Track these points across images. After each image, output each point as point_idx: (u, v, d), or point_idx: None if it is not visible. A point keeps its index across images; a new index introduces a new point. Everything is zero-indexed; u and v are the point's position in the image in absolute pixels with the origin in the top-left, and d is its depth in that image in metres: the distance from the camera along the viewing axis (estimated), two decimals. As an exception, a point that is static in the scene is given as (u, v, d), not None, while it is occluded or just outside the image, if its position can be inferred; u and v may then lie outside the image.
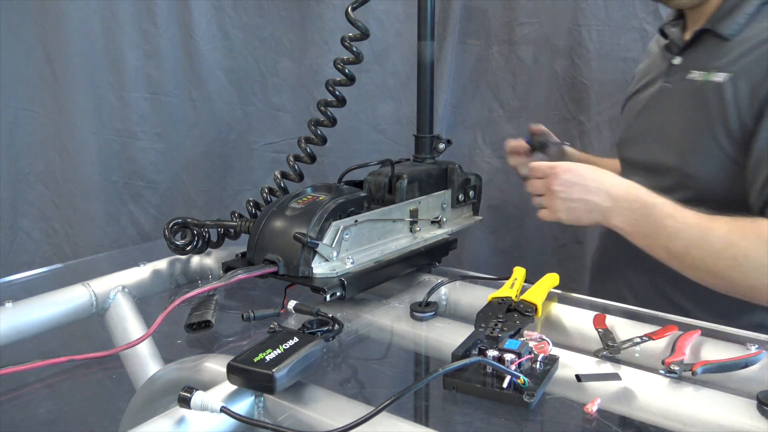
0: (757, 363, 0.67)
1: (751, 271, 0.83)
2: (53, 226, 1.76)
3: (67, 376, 0.74)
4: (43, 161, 1.72)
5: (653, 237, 0.89)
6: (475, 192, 1.10)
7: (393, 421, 0.55)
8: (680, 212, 0.88)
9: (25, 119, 1.69)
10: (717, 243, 0.85)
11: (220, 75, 1.63)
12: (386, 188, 0.97)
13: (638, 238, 0.91)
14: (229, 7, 1.59)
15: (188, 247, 0.99)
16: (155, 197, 1.70)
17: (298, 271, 0.81)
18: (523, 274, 0.86)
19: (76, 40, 1.61)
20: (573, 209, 0.92)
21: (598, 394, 0.61)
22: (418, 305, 0.82)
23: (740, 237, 0.84)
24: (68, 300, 0.85)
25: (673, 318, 0.80)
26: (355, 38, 1.02)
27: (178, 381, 0.65)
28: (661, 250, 0.89)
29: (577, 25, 1.41)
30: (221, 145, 1.66)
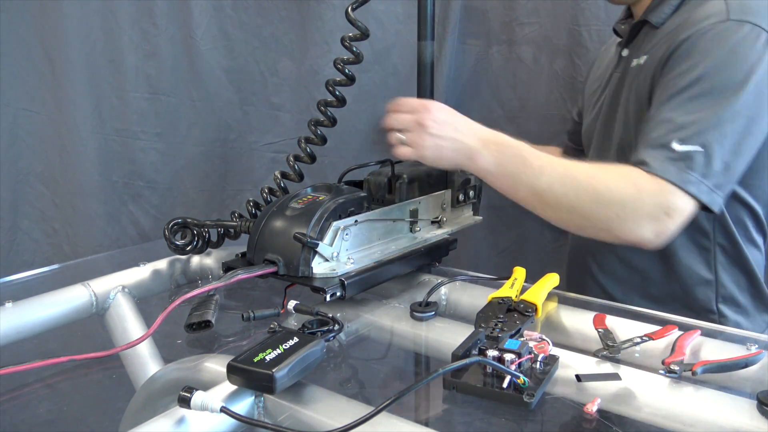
0: (757, 363, 0.67)
1: (611, 204, 0.86)
2: (53, 226, 1.76)
3: (67, 376, 0.74)
4: (43, 161, 1.72)
5: (518, 176, 0.89)
6: (475, 192, 1.10)
7: (393, 421, 0.55)
8: (546, 155, 0.91)
9: (25, 119, 1.69)
10: (580, 176, 0.88)
11: (220, 75, 1.62)
12: (386, 188, 0.97)
13: (503, 179, 0.90)
14: (229, 7, 1.59)
15: (188, 247, 0.99)
16: (155, 197, 1.70)
17: (298, 271, 0.81)
18: (523, 274, 0.86)
19: (76, 40, 1.61)
20: (440, 147, 0.90)
21: (598, 394, 0.61)
22: (418, 305, 0.82)
23: (604, 172, 0.90)
24: (68, 300, 0.85)
25: (673, 318, 0.80)
26: (355, 38, 1.02)
27: (178, 381, 0.65)
28: (525, 189, 0.90)
29: (577, 25, 1.41)
30: (221, 145, 1.66)
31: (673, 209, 0.86)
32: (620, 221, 0.86)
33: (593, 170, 0.90)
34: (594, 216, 0.88)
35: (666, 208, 0.86)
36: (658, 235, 0.86)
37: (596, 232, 0.90)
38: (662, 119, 0.90)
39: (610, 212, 0.87)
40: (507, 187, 0.91)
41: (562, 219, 0.92)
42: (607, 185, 0.87)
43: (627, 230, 0.87)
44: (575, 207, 0.88)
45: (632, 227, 0.86)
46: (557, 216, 0.91)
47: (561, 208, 0.89)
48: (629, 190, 0.87)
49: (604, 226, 0.88)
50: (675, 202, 0.86)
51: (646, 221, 0.86)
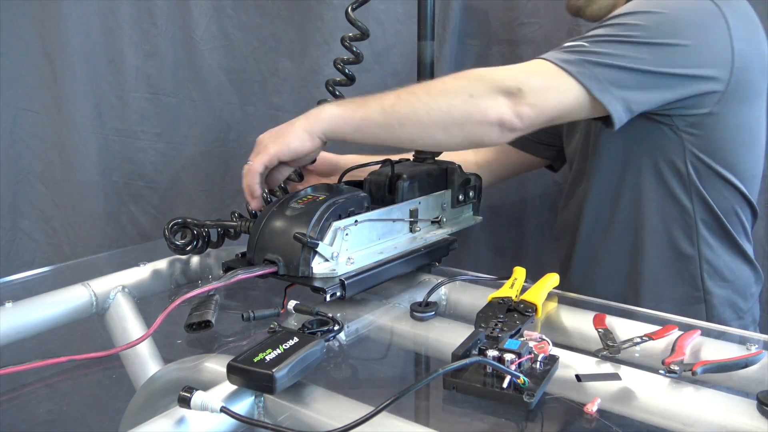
0: (757, 363, 0.67)
1: (454, 94, 0.87)
2: (53, 226, 1.76)
3: (67, 376, 0.74)
4: (43, 161, 1.72)
5: (366, 104, 0.89)
6: (475, 192, 1.10)
7: (393, 421, 0.55)
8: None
9: (25, 119, 1.69)
10: (429, 83, 0.90)
11: (220, 75, 1.62)
12: (386, 188, 0.97)
13: (350, 112, 0.89)
14: (229, 7, 1.59)
15: (188, 247, 0.99)
16: (155, 197, 1.70)
17: (298, 271, 0.81)
18: (523, 274, 0.86)
19: (76, 40, 1.61)
20: (277, 135, 0.90)
21: (598, 394, 0.61)
22: (418, 305, 0.82)
23: (453, 77, 0.90)
24: (68, 300, 0.85)
25: (673, 318, 0.80)
26: (355, 38, 1.02)
27: (178, 381, 0.65)
28: (374, 113, 0.88)
29: (577, 25, 1.41)
30: (221, 145, 1.66)
31: (531, 85, 0.86)
32: (475, 102, 0.86)
33: (443, 78, 0.91)
34: (438, 114, 0.86)
35: (523, 82, 0.86)
36: (511, 110, 0.86)
37: (459, 127, 0.88)
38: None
39: (463, 97, 0.86)
40: (357, 122, 0.89)
41: (413, 135, 0.89)
42: (455, 83, 0.88)
43: (484, 108, 0.86)
44: (420, 110, 0.87)
45: (488, 103, 0.86)
46: (408, 133, 0.89)
47: (410, 120, 0.87)
48: (478, 75, 0.88)
49: (463, 115, 0.87)
50: (537, 77, 0.87)
51: (499, 96, 0.86)
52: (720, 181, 0.99)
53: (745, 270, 1.06)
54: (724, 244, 1.02)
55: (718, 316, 1.03)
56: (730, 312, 1.05)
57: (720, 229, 1.01)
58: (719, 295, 1.03)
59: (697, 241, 1.01)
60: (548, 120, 0.90)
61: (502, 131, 0.87)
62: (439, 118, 0.87)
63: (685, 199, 1.00)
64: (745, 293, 1.07)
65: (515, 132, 0.88)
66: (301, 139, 0.88)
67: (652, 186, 1.01)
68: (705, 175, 0.98)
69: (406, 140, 0.90)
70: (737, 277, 1.05)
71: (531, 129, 0.89)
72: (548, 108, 0.88)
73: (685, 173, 0.98)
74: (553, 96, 0.89)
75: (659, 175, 1.00)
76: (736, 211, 1.02)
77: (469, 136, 0.89)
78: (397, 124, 0.87)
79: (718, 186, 1.00)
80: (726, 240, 1.02)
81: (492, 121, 0.86)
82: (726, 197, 1.01)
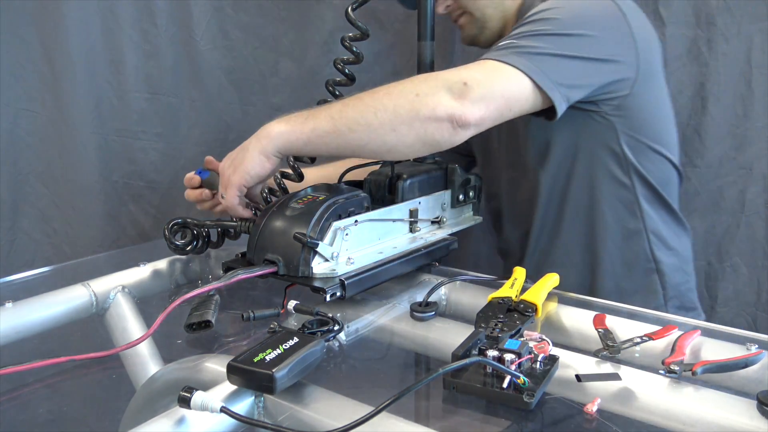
0: (757, 363, 0.67)
1: (399, 94, 0.87)
2: (53, 226, 1.76)
3: (67, 376, 0.74)
4: (43, 161, 1.72)
5: (314, 115, 0.89)
6: (475, 192, 1.10)
7: (393, 421, 0.55)
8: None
9: (25, 119, 1.69)
10: (376, 88, 0.89)
11: (220, 75, 1.62)
12: (386, 188, 0.97)
13: (299, 126, 0.89)
14: (229, 7, 1.59)
15: (188, 247, 0.99)
16: (155, 197, 1.70)
17: (298, 271, 0.81)
18: (523, 274, 0.86)
19: (76, 40, 1.61)
20: (236, 165, 0.90)
21: (598, 394, 0.61)
22: (418, 305, 0.82)
23: (399, 81, 0.90)
24: (68, 300, 0.85)
25: (673, 318, 0.80)
26: (355, 38, 1.02)
27: (178, 381, 0.65)
28: (323, 122, 0.88)
29: (577, 25, 1.41)
30: (221, 145, 1.66)
31: (474, 78, 0.88)
32: (421, 99, 0.86)
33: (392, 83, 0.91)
34: (398, 108, 0.86)
35: (467, 78, 0.87)
36: (459, 104, 0.86)
37: (408, 126, 0.87)
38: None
39: (410, 96, 0.87)
40: (308, 133, 0.88)
41: (361, 139, 0.88)
42: (400, 81, 0.89)
43: (431, 105, 0.86)
44: (367, 113, 0.87)
45: (434, 100, 0.86)
46: (356, 139, 0.88)
47: (358, 123, 0.87)
48: (425, 77, 0.90)
49: (410, 113, 0.86)
50: (479, 71, 0.89)
51: (445, 92, 0.86)
52: (652, 153, 1.07)
53: (683, 235, 1.15)
54: (663, 214, 1.10)
55: (671, 282, 1.11)
56: (681, 276, 1.14)
57: (658, 201, 1.09)
58: (669, 263, 1.10)
59: (641, 216, 1.07)
60: (497, 113, 0.90)
61: (455, 128, 0.87)
62: (387, 118, 0.87)
63: (625, 178, 1.06)
64: (687, 257, 1.16)
65: (468, 128, 0.88)
66: (260, 163, 0.90)
67: (595, 173, 1.06)
68: (638, 152, 1.05)
69: (356, 146, 0.89)
70: (679, 242, 1.13)
71: (484, 124, 0.89)
72: (495, 99, 0.89)
73: (621, 154, 1.05)
74: (498, 87, 0.90)
75: (599, 161, 1.06)
76: (669, 179, 1.11)
77: (420, 135, 0.87)
78: (346, 130, 0.87)
79: (651, 159, 1.07)
80: (664, 209, 1.10)
81: (441, 117, 0.86)
82: (659, 168, 1.08)
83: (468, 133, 0.89)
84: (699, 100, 1.35)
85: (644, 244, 1.08)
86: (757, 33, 1.29)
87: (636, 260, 1.09)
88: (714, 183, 1.37)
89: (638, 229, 1.08)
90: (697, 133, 1.36)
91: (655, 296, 1.10)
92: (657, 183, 1.08)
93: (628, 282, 1.09)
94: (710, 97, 1.34)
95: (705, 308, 1.41)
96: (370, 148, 0.89)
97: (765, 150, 1.33)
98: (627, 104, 1.02)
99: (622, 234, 1.08)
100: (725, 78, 1.33)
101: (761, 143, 1.33)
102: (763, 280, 1.36)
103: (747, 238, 1.37)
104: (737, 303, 1.39)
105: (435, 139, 0.88)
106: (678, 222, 1.13)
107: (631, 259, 1.09)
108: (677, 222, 1.13)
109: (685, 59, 1.35)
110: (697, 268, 1.40)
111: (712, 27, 1.31)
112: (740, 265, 1.38)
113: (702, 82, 1.34)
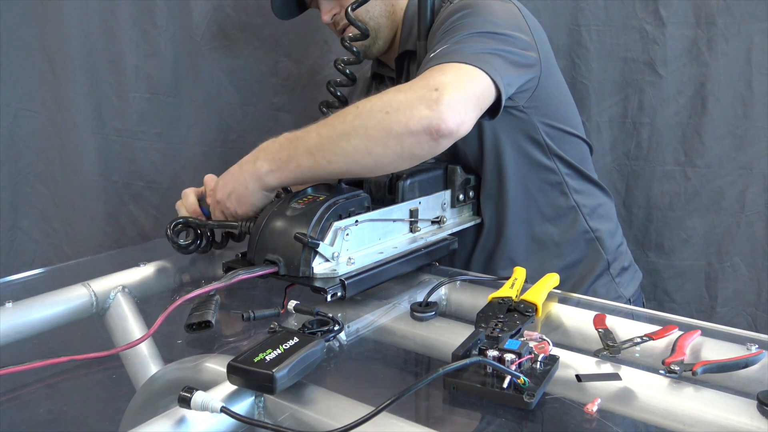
0: (757, 363, 0.67)
1: (368, 115, 0.86)
2: (53, 226, 1.76)
3: (67, 376, 0.74)
4: (43, 161, 1.72)
5: (294, 153, 0.89)
6: (475, 192, 1.10)
7: (393, 421, 0.55)
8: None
9: (25, 119, 1.69)
10: (345, 110, 0.89)
11: (220, 75, 1.62)
12: (386, 188, 0.97)
13: (283, 165, 0.89)
14: (229, 7, 1.59)
15: (191, 247, 0.99)
16: (155, 197, 1.70)
17: (299, 271, 0.81)
18: (523, 274, 0.86)
19: (76, 40, 1.61)
20: (239, 200, 0.93)
21: (598, 394, 0.61)
22: (418, 305, 0.82)
23: (364, 100, 0.89)
24: (68, 300, 0.85)
25: (673, 318, 0.80)
26: (355, 38, 1.02)
27: (178, 381, 0.65)
28: (304, 158, 0.88)
29: (577, 25, 1.41)
30: (221, 145, 1.66)
31: (444, 83, 0.86)
32: (391, 117, 0.84)
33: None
34: (369, 130, 0.85)
35: (436, 84, 0.85)
36: (435, 113, 0.83)
37: (382, 146, 0.85)
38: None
39: (379, 116, 0.85)
40: (298, 159, 0.89)
41: (349, 155, 0.87)
42: (367, 101, 0.88)
43: (404, 120, 0.84)
44: (357, 128, 0.86)
45: (407, 114, 0.84)
46: (345, 153, 0.87)
47: (343, 136, 0.86)
48: (391, 92, 0.88)
49: (382, 132, 0.85)
50: (445, 75, 0.87)
51: (417, 104, 0.84)
52: (566, 135, 1.12)
53: (607, 201, 1.21)
54: (587, 186, 1.16)
55: (611, 246, 1.17)
56: (617, 238, 1.21)
57: (580, 176, 1.15)
58: (603, 229, 1.16)
59: (570, 194, 1.13)
60: (473, 115, 0.89)
61: (434, 139, 0.85)
62: (360, 143, 0.85)
63: (549, 162, 1.11)
64: (615, 221, 1.23)
65: (449, 136, 0.85)
66: (265, 198, 0.93)
67: (525, 164, 1.10)
68: (556, 136, 1.10)
69: (340, 173, 0.90)
70: (606, 210, 1.20)
71: (463, 128, 0.87)
72: (470, 100, 0.88)
73: (543, 142, 1.09)
74: (469, 88, 0.88)
75: (524, 151, 1.09)
76: (584, 155, 1.18)
77: (398, 152, 0.86)
78: (325, 163, 0.87)
79: (567, 140, 1.13)
80: (587, 181, 1.16)
81: (416, 130, 0.84)
82: (574, 146, 1.14)
83: (449, 141, 0.86)
84: (699, 100, 1.35)
85: (579, 218, 1.14)
86: (757, 33, 1.30)
87: (576, 234, 1.14)
88: (714, 183, 1.37)
89: (570, 205, 1.13)
90: (697, 133, 1.36)
91: (599, 263, 1.15)
92: (576, 161, 1.13)
93: (573, 256, 1.14)
94: (710, 97, 1.34)
95: (705, 308, 1.42)
96: (352, 172, 0.89)
97: (765, 150, 1.33)
98: (537, 95, 1.06)
99: (558, 214, 1.13)
100: (725, 78, 1.33)
101: (761, 143, 1.33)
102: (763, 280, 1.36)
103: (747, 238, 1.37)
104: (737, 303, 1.40)
105: (414, 153, 0.86)
106: (601, 189, 1.20)
107: (572, 235, 1.14)
108: (600, 190, 1.19)
109: (685, 59, 1.35)
110: (697, 268, 1.41)
111: (712, 27, 1.32)
112: (740, 265, 1.38)
113: (702, 82, 1.34)
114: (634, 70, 1.39)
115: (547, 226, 1.13)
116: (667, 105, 1.38)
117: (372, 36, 1.15)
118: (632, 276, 1.21)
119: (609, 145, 1.44)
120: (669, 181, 1.40)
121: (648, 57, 1.37)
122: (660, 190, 1.41)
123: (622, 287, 1.17)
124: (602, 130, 1.44)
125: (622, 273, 1.18)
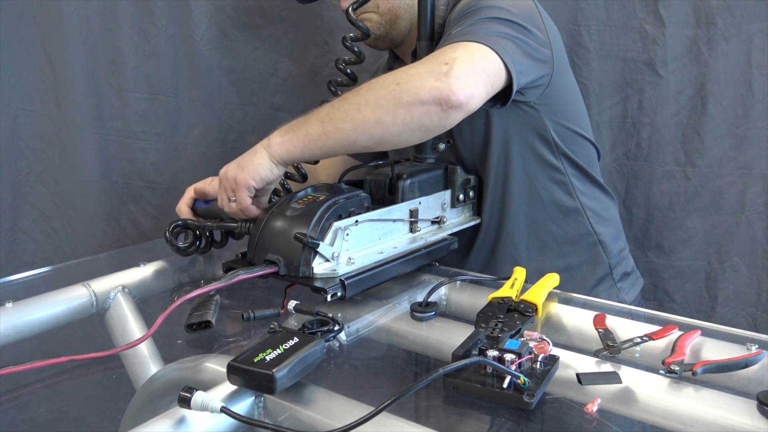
0: (757, 363, 0.67)
1: (380, 87, 0.87)
2: (53, 226, 1.76)
3: (67, 376, 0.74)
4: (43, 161, 1.72)
5: (305, 121, 0.89)
6: (475, 192, 1.10)
7: (393, 421, 0.55)
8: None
9: (25, 119, 1.69)
10: (359, 87, 0.89)
11: (220, 75, 1.62)
12: (386, 188, 0.97)
13: (293, 134, 0.89)
14: (229, 7, 1.59)
15: (190, 249, 0.99)
16: (155, 197, 1.70)
17: (299, 271, 0.81)
18: (523, 274, 0.86)
19: (76, 40, 1.61)
20: (243, 166, 0.90)
21: (598, 394, 0.61)
22: (418, 305, 0.82)
23: (378, 77, 0.90)
24: (68, 300, 0.85)
25: (673, 318, 0.80)
26: (355, 38, 1.02)
27: (178, 381, 0.65)
28: (313, 127, 0.88)
29: (577, 25, 1.41)
30: (221, 145, 1.66)
31: (453, 57, 0.86)
32: (402, 87, 0.85)
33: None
34: (379, 99, 0.86)
35: (446, 59, 0.86)
36: (445, 84, 0.84)
37: (392, 115, 0.86)
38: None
39: (390, 87, 0.86)
40: (306, 138, 0.89)
41: (354, 131, 0.87)
42: (380, 77, 0.89)
43: (413, 90, 0.85)
44: (360, 104, 0.86)
45: (417, 84, 0.85)
46: (347, 134, 0.87)
47: (349, 114, 0.87)
48: (402, 68, 0.89)
49: (392, 101, 0.85)
50: (455, 52, 0.88)
51: (427, 76, 0.85)
52: (575, 136, 1.12)
53: (612, 206, 1.20)
54: (593, 189, 1.16)
55: (613, 251, 1.16)
56: (620, 243, 1.20)
57: (586, 178, 1.14)
58: (606, 233, 1.16)
59: (576, 194, 1.12)
60: (484, 90, 0.89)
61: (444, 110, 0.85)
62: (369, 112, 0.86)
63: (556, 161, 1.10)
64: (619, 226, 1.23)
65: (459, 108, 0.86)
66: (269, 168, 0.90)
67: (530, 161, 1.10)
68: (565, 136, 1.10)
69: (347, 144, 0.89)
70: (610, 214, 1.19)
71: (473, 102, 0.87)
72: (480, 75, 0.88)
73: (551, 140, 1.08)
74: (479, 64, 0.89)
75: (532, 149, 1.09)
76: (592, 157, 1.17)
77: (406, 121, 0.86)
78: (334, 131, 0.87)
79: (575, 141, 1.12)
80: (592, 184, 1.16)
81: (426, 100, 0.84)
82: (582, 148, 1.14)
83: (458, 113, 0.87)
84: (699, 100, 1.35)
85: (583, 220, 1.13)
86: (757, 33, 1.30)
87: (579, 236, 1.13)
88: (714, 183, 1.37)
89: (575, 206, 1.12)
90: (697, 133, 1.36)
91: (601, 267, 1.15)
92: (583, 163, 1.13)
93: (575, 257, 1.14)
94: (710, 97, 1.34)
95: (705, 308, 1.41)
96: (359, 143, 0.89)
97: (765, 150, 1.33)
98: (549, 93, 1.06)
99: (562, 213, 1.12)
100: (725, 78, 1.33)
101: (761, 143, 1.33)
102: (763, 280, 1.36)
103: (747, 238, 1.37)
104: (737, 303, 1.40)
105: (423, 124, 0.87)
106: (606, 194, 1.19)
107: (575, 236, 1.13)
108: (605, 194, 1.19)
109: (685, 59, 1.35)
110: (697, 268, 1.41)
111: (712, 27, 1.31)
112: (740, 265, 1.38)
113: (702, 82, 1.34)
114: (634, 70, 1.39)
115: (549, 225, 1.13)
116: (667, 105, 1.38)
117: (388, 25, 1.14)
118: (634, 282, 1.21)
119: (609, 145, 1.44)
120: (669, 181, 1.40)
121: (648, 57, 1.37)
122: (660, 190, 1.41)
123: (624, 292, 1.16)
124: (602, 130, 1.44)
125: (624, 278, 1.18)
